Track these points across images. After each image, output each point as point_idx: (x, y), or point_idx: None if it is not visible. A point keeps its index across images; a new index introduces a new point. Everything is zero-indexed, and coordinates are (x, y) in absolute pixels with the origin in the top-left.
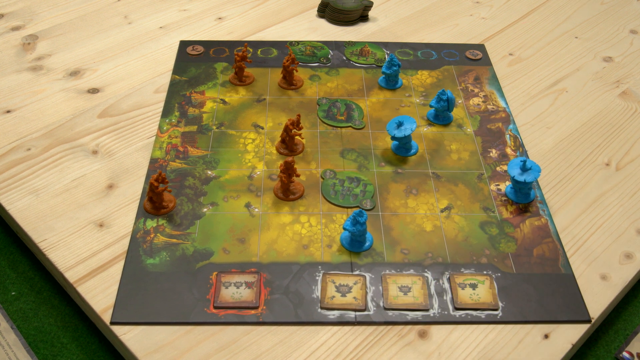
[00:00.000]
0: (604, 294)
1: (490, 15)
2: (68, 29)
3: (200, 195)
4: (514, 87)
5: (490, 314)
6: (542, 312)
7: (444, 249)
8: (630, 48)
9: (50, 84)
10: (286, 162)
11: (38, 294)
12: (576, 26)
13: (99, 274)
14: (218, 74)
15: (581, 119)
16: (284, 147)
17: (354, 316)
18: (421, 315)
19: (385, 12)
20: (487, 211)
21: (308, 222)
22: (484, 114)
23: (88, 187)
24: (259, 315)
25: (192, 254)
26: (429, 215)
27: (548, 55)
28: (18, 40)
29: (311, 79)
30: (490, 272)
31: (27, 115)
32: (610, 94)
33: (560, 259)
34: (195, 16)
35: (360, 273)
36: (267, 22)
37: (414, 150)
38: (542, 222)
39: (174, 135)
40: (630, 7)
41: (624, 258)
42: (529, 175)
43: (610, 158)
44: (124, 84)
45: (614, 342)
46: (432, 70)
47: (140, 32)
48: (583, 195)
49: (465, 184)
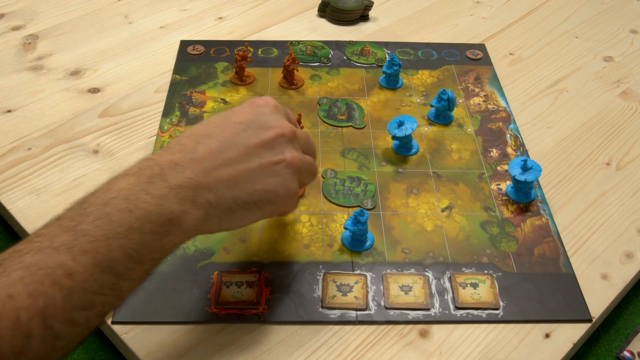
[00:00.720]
0: (605, 293)
1: (491, 15)
2: (68, 28)
3: None
4: (515, 86)
5: (491, 313)
6: (543, 311)
7: (444, 248)
8: (631, 48)
9: (50, 84)
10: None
11: None
12: (576, 26)
13: None
14: (219, 73)
15: (581, 118)
16: None
17: (355, 315)
18: (422, 315)
19: (385, 12)
20: (487, 211)
21: (309, 222)
22: (484, 114)
23: (89, 187)
24: (260, 315)
25: (193, 254)
26: (429, 215)
27: (548, 55)
28: (18, 40)
29: (312, 79)
30: (491, 271)
31: (27, 115)
32: (611, 93)
33: (561, 258)
34: (196, 16)
35: (361, 272)
36: (267, 21)
37: (414, 150)
38: (543, 221)
39: (174, 135)
40: (631, 7)
41: (625, 257)
42: (529, 174)
43: (610, 158)
44: (125, 83)
45: (615, 341)
46: (432, 70)
47: (140, 31)
48: (584, 195)
49: (466, 184)
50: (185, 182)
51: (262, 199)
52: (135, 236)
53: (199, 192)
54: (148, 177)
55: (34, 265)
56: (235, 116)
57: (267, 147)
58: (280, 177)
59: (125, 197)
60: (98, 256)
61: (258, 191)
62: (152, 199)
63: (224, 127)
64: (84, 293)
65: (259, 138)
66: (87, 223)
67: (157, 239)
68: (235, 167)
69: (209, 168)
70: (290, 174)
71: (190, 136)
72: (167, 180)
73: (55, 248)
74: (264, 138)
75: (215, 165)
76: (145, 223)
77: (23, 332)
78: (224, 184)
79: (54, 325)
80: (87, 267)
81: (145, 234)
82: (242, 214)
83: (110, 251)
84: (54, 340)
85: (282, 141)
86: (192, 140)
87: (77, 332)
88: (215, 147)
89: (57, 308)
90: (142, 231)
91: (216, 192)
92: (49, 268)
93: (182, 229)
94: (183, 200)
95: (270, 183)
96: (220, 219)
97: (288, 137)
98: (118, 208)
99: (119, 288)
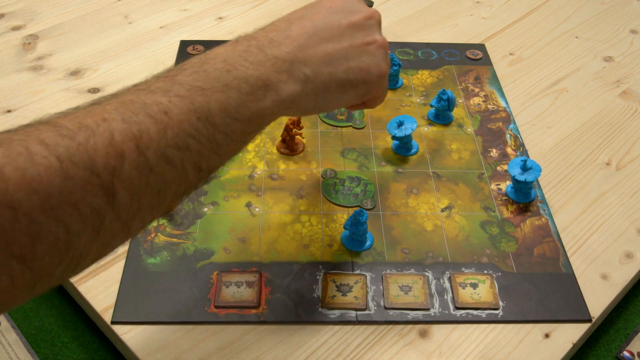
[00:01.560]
0: (605, 294)
1: (491, 15)
2: (68, 28)
3: (200, 194)
4: (515, 86)
5: (491, 314)
6: (543, 311)
7: (444, 248)
8: (631, 48)
9: (50, 84)
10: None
11: None
12: (576, 26)
13: (99, 274)
14: None
15: (581, 118)
16: (284, 147)
17: (355, 315)
18: (422, 315)
19: (385, 12)
20: (487, 211)
21: (309, 222)
22: (484, 114)
23: None
24: (259, 315)
25: (192, 254)
26: (429, 215)
27: (548, 55)
28: (18, 40)
29: None
30: (490, 271)
31: (27, 115)
32: (611, 93)
33: (561, 258)
34: (196, 16)
35: (361, 272)
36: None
37: (414, 150)
38: (543, 221)
39: None
40: (631, 7)
41: (625, 257)
42: (529, 174)
43: (610, 158)
44: (125, 83)
45: (615, 341)
46: (432, 70)
47: (140, 31)
48: (583, 195)
49: (465, 184)
50: (282, 55)
51: (357, 77)
52: (233, 93)
53: (295, 65)
54: (245, 47)
55: (130, 101)
56: (324, 2)
57: (358, 28)
58: (373, 57)
59: (224, 59)
60: (195, 103)
61: (353, 69)
62: (250, 65)
63: (315, 10)
64: (179, 132)
65: (350, 20)
66: (184, 75)
67: (254, 100)
68: (330, 45)
69: (303, 45)
70: (382, 55)
71: (283, 19)
72: (265, 53)
73: (151, 91)
74: (355, 20)
75: (309, 43)
76: (242, 83)
77: (116, 150)
78: (319, 59)
79: (148, 155)
80: (183, 110)
81: (243, 93)
82: (338, 92)
83: (208, 101)
84: (148, 172)
85: (372, 23)
86: (286, 21)
87: (172, 175)
88: (308, 26)
89: (152, 139)
90: (239, 90)
91: (312, 66)
92: (144, 103)
93: (280, 97)
94: (280, 70)
95: (364, 61)
96: (316, 96)
97: (377, 20)
98: (216, 67)
99: (216, 141)
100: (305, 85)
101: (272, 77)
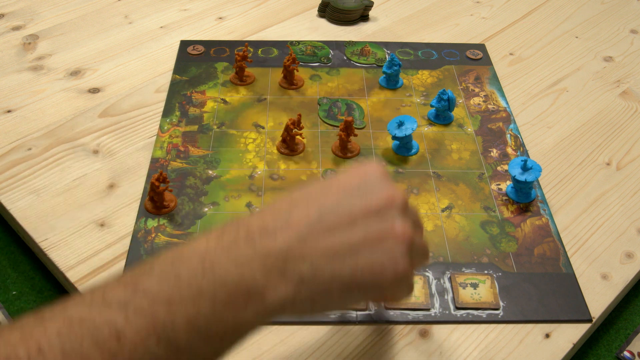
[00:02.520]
0: (605, 294)
1: (491, 15)
2: (68, 28)
3: (201, 194)
4: (515, 86)
5: (491, 314)
6: (543, 311)
7: (444, 248)
8: (631, 48)
9: (50, 84)
10: (346, 122)
11: (39, 294)
12: (576, 26)
13: (100, 274)
14: (219, 73)
15: (582, 118)
16: (284, 147)
17: (355, 315)
18: (422, 315)
19: (385, 12)
20: (487, 211)
21: None
22: (484, 114)
23: (89, 187)
24: None
25: None
26: (429, 215)
27: (548, 55)
28: (18, 40)
29: (312, 79)
30: (491, 271)
31: (27, 115)
32: (611, 93)
33: (561, 258)
34: (196, 16)
35: None
36: (267, 21)
37: (414, 150)
38: (543, 221)
39: (174, 135)
40: (631, 7)
41: (625, 257)
42: (529, 174)
43: (610, 158)
44: (125, 83)
45: (615, 341)
46: (432, 70)
47: (140, 31)
48: (584, 195)
49: (466, 184)
50: (275, 250)
51: (366, 279)
52: (205, 305)
53: (290, 263)
54: (232, 237)
55: (78, 319)
56: (339, 182)
57: (374, 215)
58: (390, 254)
59: (201, 257)
60: (157, 319)
61: (361, 268)
62: (231, 264)
63: (325, 190)
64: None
65: (365, 204)
66: (151, 282)
67: (230, 311)
68: (337, 236)
69: (304, 235)
70: (400, 251)
71: (286, 199)
72: (254, 246)
73: (106, 302)
74: (372, 204)
75: (312, 233)
76: (219, 290)
77: None
78: (321, 254)
79: None
80: (141, 330)
81: (218, 304)
82: (340, 295)
83: (173, 319)
84: None
85: (392, 210)
86: (288, 203)
87: None
88: (313, 211)
89: None
90: (213, 300)
91: (311, 263)
92: (94, 324)
93: (264, 305)
94: (270, 271)
95: (377, 259)
96: (313, 300)
97: (400, 205)
98: (190, 267)
99: None
100: (300, 287)
101: (259, 280)
